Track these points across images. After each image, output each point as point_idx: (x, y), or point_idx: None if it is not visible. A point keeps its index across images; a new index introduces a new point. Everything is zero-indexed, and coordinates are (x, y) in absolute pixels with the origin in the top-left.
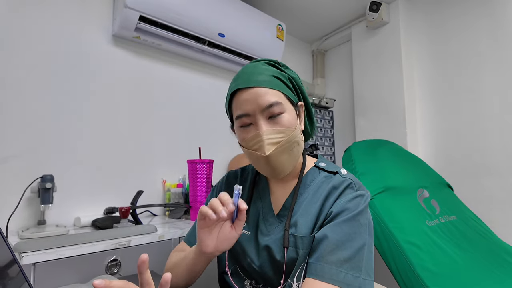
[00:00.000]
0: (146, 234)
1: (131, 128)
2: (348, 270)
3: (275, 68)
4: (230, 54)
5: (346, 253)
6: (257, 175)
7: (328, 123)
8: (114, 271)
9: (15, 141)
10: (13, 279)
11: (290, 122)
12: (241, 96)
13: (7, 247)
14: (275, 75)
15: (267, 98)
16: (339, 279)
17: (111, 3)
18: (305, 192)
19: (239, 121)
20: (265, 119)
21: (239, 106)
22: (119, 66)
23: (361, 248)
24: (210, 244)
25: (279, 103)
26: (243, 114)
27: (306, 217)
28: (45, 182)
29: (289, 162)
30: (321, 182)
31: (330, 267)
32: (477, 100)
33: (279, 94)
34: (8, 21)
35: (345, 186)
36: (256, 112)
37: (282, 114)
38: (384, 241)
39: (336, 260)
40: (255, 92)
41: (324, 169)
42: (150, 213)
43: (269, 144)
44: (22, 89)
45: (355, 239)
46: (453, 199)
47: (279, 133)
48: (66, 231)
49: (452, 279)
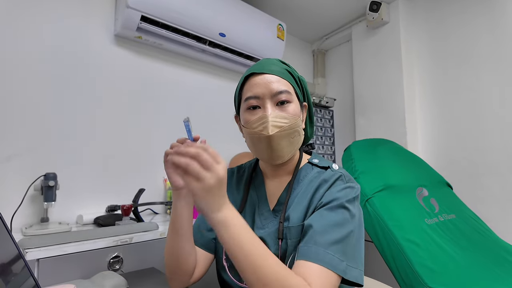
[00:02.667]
0: (148, 231)
1: (132, 127)
2: (335, 252)
3: (288, 66)
4: (231, 53)
5: (333, 236)
6: (253, 171)
7: (328, 122)
8: (116, 268)
9: (18, 140)
10: (18, 274)
11: (295, 112)
12: (254, 80)
13: (13, 243)
14: (287, 69)
15: (278, 85)
16: (325, 260)
17: (113, 3)
18: (298, 187)
19: (247, 103)
20: (273, 104)
21: (250, 89)
22: (121, 66)
23: (349, 234)
24: (180, 178)
25: (288, 92)
26: (253, 96)
27: (297, 209)
28: (48, 180)
29: (288, 149)
30: (313, 177)
31: (317, 248)
32: (477, 99)
33: (288, 85)
34: (11, 20)
35: (336, 179)
36: (266, 96)
37: (289, 103)
38: (383, 239)
39: (324, 242)
40: (267, 78)
41: (317, 165)
42: (151, 211)
43: (274, 126)
44: (24, 88)
45: (343, 225)
46: (452, 197)
47: (284, 118)
48: (69, 228)
49: (450, 277)
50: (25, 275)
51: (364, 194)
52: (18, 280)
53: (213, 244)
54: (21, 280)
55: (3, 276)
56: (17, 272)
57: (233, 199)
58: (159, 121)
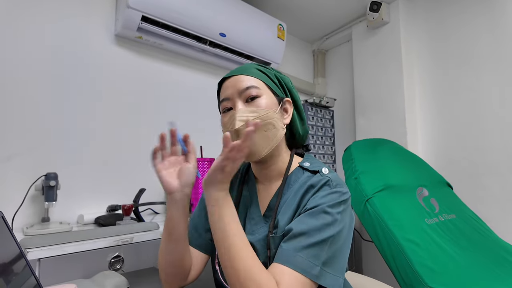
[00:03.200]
0: (149, 231)
1: (133, 127)
2: (307, 256)
3: (263, 67)
4: (231, 53)
5: (308, 240)
6: (246, 174)
7: (328, 122)
8: (117, 267)
9: (19, 139)
10: (20, 273)
11: (267, 105)
12: (225, 84)
13: (15, 242)
14: (259, 68)
15: (245, 82)
16: (295, 263)
17: (114, 3)
18: (287, 192)
19: (221, 106)
20: (242, 102)
21: (222, 93)
22: (122, 66)
23: (326, 239)
24: (173, 181)
25: (255, 87)
26: (224, 98)
27: (284, 216)
28: (49, 180)
29: (262, 143)
30: (303, 182)
31: (288, 251)
32: (477, 99)
33: (257, 81)
34: (12, 20)
35: (322, 184)
36: (235, 95)
37: (259, 97)
38: (384, 238)
39: (297, 245)
40: (235, 78)
41: (307, 169)
42: (152, 211)
43: (240, 120)
44: (25, 88)
45: (322, 230)
46: (452, 197)
47: (252, 112)
48: (70, 228)
49: (450, 277)
50: (26, 275)
51: (364, 194)
52: (20, 280)
53: (210, 245)
54: (23, 280)
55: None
56: (19, 272)
57: None
58: (159, 120)
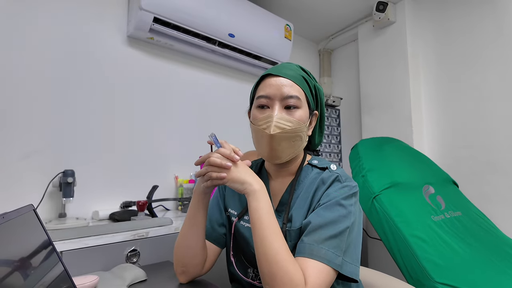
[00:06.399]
0: (163, 226)
1: (145, 126)
2: (330, 247)
3: (306, 73)
4: (239, 54)
5: (328, 232)
6: (259, 172)
7: (335, 121)
8: (133, 261)
9: (37, 138)
10: (48, 261)
11: (301, 119)
12: (269, 81)
13: (44, 232)
14: (304, 76)
15: (290, 89)
16: (320, 255)
17: (126, 5)
18: (298, 188)
19: (258, 101)
20: (281, 107)
21: (263, 88)
22: (134, 66)
23: (344, 230)
24: None
25: (298, 98)
26: (265, 96)
27: (298, 211)
28: (67, 176)
29: (288, 151)
30: (313, 178)
31: (311, 244)
32: (483, 99)
33: (300, 91)
34: (27, 21)
35: (333, 180)
36: (276, 98)
37: (297, 108)
38: (391, 234)
39: (318, 238)
40: (281, 80)
41: (316, 166)
42: (163, 208)
43: (277, 126)
44: (43, 88)
45: (339, 221)
46: (458, 195)
47: (288, 121)
48: (86, 224)
49: (456, 272)
50: (54, 261)
51: (371, 192)
52: (47, 266)
53: (223, 239)
54: (51, 266)
55: (35, 262)
56: (48, 259)
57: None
58: (171, 120)
